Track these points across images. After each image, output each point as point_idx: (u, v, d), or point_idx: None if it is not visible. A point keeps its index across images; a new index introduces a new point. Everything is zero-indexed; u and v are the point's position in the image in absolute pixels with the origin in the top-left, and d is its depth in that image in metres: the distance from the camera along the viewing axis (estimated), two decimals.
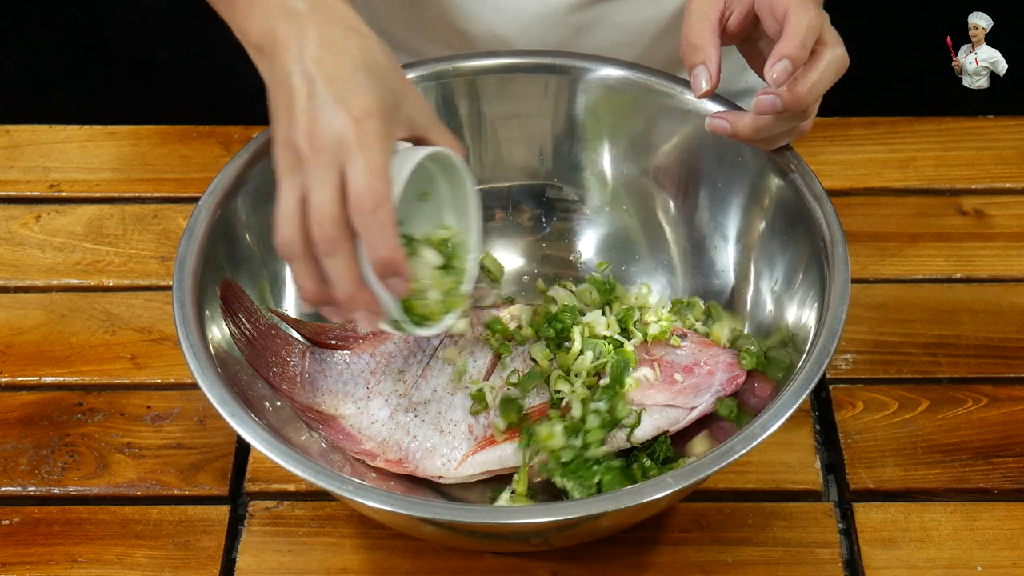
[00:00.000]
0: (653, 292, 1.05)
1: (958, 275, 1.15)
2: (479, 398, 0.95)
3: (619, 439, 0.94)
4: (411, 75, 1.05)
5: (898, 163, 1.24)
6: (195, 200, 0.97)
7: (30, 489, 1.01)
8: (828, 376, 1.07)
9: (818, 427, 1.05)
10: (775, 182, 0.99)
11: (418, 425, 0.96)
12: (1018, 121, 1.28)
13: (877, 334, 1.10)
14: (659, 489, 0.81)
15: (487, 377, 0.97)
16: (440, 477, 0.95)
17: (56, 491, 1.01)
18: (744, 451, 0.82)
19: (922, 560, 0.96)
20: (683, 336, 0.98)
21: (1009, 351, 1.09)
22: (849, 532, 0.98)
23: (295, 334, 1.01)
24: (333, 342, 1.01)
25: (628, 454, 0.95)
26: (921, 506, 0.99)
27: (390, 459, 0.96)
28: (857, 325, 1.10)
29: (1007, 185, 1.23)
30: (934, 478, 1.01)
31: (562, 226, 1.11)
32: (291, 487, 1.01)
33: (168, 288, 1.15)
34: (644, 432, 0.94)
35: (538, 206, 1.11)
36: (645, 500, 0.81)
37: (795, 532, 0.98)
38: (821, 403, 1.06)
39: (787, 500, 1.00)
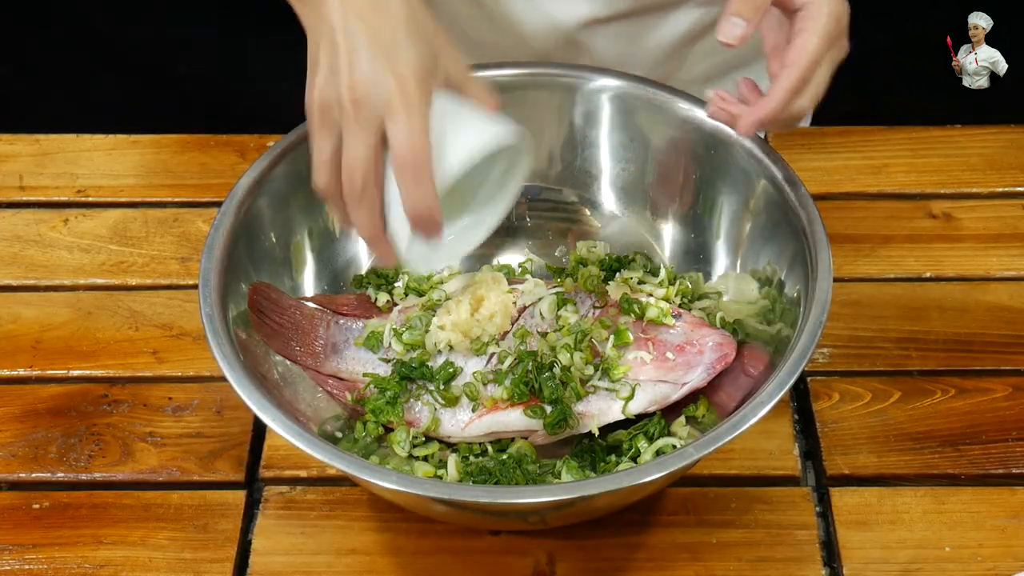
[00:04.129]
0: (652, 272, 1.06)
1: (928, 274, 1.16)
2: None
3: (615, 411, 0.94)
4: None
5: (871, 170, 1.24)
6: (214, 205, 0.97)
7: (59, 475, 1.01)
8: (806, 369, 1.07)
9: (797, 416, 1.05)
10: (766, 188, 0.99)
11: (431, 388, 0.97)
12: (984, 130, 1.28)
13: (852, 329, 1.10)
14: (649, 472, 0.82)
15: (501, 339, 0.98)
16: (449, 436, 0.96)
17: (83, 477, 1.01)
18: (729, 438, 0.83)
19: (894, 541, 0.96)
20: (677, 316, 0.98)
21: (975, 345, 1.09)
22: (826, 515, 0.98)
23: (314, 306, 1.02)
24: (357, 312, 1.02)
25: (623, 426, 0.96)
26: (893, 491, 0.99)
27: (404, 420, 0.96)
28: (833, 321, 1.09)
29: (974, 190, 1.23)
30: (905, 464, 1.01)
31: (562, 227, 1.11)
32: (303, 473, 1.00)
33: (187, 287, 1.16)
34: (638, 404, 0.95)
35: (540, 208, 1.10)
36: (637, 482, 0.82)
37: (775, 515, 0.98)
38: (799, 394, 1.06)
39: (768, 485, 1.00)
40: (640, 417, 0.95)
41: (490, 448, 0.96)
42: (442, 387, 0.96)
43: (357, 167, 0.81)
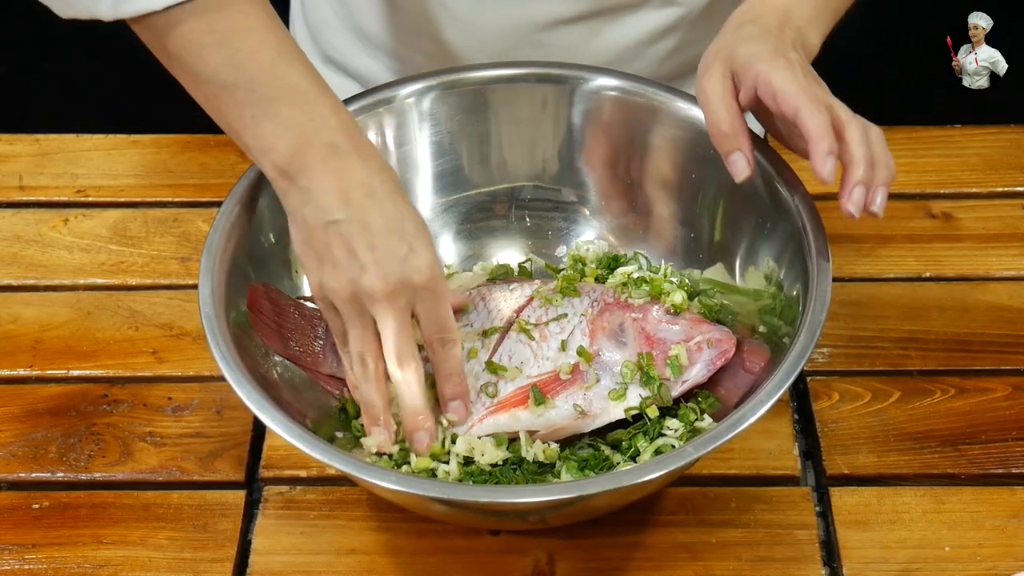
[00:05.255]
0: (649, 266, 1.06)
1: (927, 274, 1.15)
2: (496, 369, 0.95)
3: (616, 410, 0.94)
4: (421, 84, 1.05)
5: None
6: (213, 204, 0.97)
7: (59, 475, 1.01)
8: (806, 368, 1.06)
9: (796, 416, 1.05)
10: (763, 187, 0.99)
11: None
12: (983, 130, 1.28)
13: (852, 329, 1.10)
14: (649, 471, 0.82)
15: (495, 349, 0.97)
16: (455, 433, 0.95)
17: (83, 477, 1.01)
18: (729, 437, 0.83)
19: (894, 541, 0.96)
20: (677, 313, 0.98)
21: (975, 345, 1.09)
22: (826, 515, 0.98)
23: (313, 306, 1.01)
24: None
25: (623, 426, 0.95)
26: (893, 490, 0.99)
27: None
28: (833, 321, 1.10)
29: (973, 190, 1.23)
30: (905, 464, 1.01)
31: (561, 227, 1.10)
32: (303, 473, 1.00)
33: (187, 287, 1.16)
34: (638, 401, 0.94)
35: (538, 207, 1.10)
36: (637, 482, 0.82)
37: (775, 515, 0.97)
38: (799, 394, 1.06)
39: (767, 485, 1.00)
40: (639, 416, 0.95)
41: (496, 451, 0.95)
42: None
43: (404, 348, 0.88)
